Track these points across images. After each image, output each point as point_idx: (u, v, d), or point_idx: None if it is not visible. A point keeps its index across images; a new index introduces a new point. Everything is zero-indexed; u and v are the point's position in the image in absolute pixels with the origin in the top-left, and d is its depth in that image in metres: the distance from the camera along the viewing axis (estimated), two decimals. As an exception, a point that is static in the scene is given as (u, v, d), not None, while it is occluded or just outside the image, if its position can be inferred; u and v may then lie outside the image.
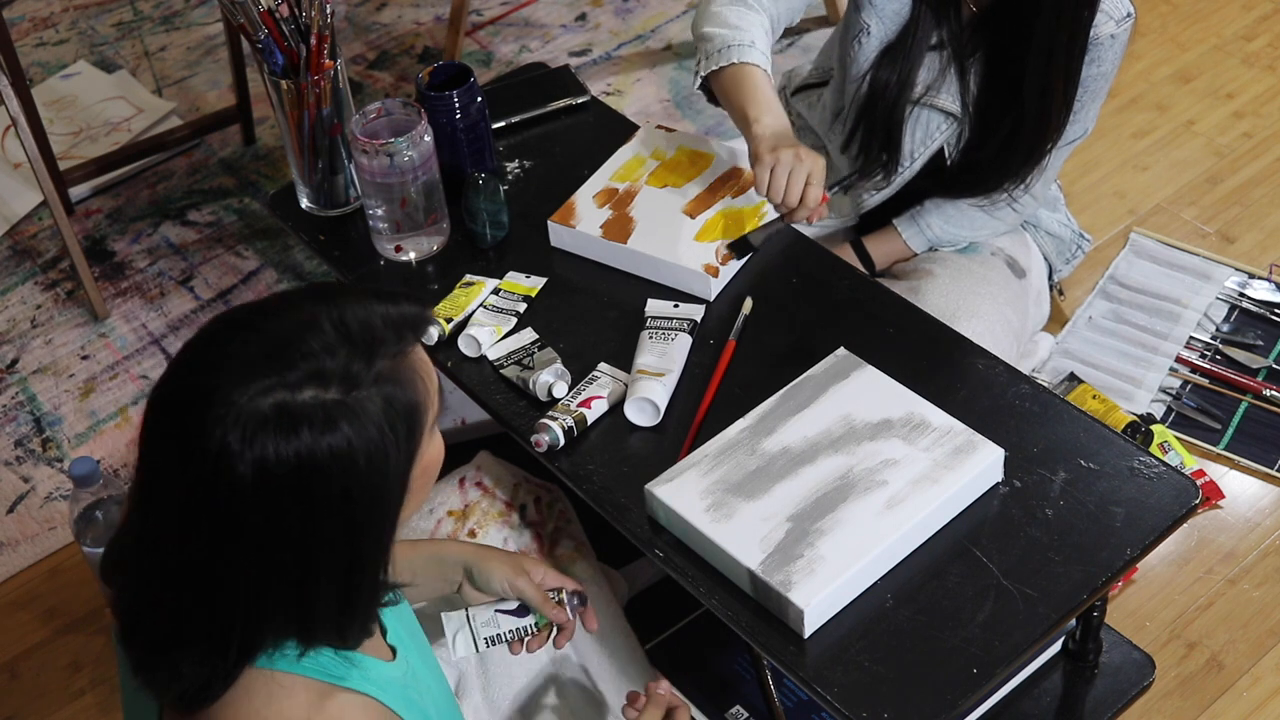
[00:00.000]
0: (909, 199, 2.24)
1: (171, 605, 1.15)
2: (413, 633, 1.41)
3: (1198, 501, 1.63)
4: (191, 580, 1.13)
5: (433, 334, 1.85)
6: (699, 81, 2.04)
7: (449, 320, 1.86)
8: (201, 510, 1.10)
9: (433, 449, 1.22)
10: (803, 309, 1.88)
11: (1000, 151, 2.09)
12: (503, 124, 2.19)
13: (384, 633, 1.34)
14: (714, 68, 1.99)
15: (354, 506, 1.12)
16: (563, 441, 1.71)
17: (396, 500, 1.16)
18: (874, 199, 2.23)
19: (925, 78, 2.08)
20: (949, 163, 2.15)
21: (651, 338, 1.80)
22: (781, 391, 1.71)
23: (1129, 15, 2.00)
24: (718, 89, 2.02)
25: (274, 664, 1.18)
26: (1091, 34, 1.97)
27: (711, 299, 1.89)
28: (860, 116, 2.14)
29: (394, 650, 1.33)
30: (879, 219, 2.28)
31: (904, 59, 2.06)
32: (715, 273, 1.87)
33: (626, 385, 1.76)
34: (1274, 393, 2.36)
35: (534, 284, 1.93)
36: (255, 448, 1.07)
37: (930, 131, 2.12)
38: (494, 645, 1.61)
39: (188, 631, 1.15)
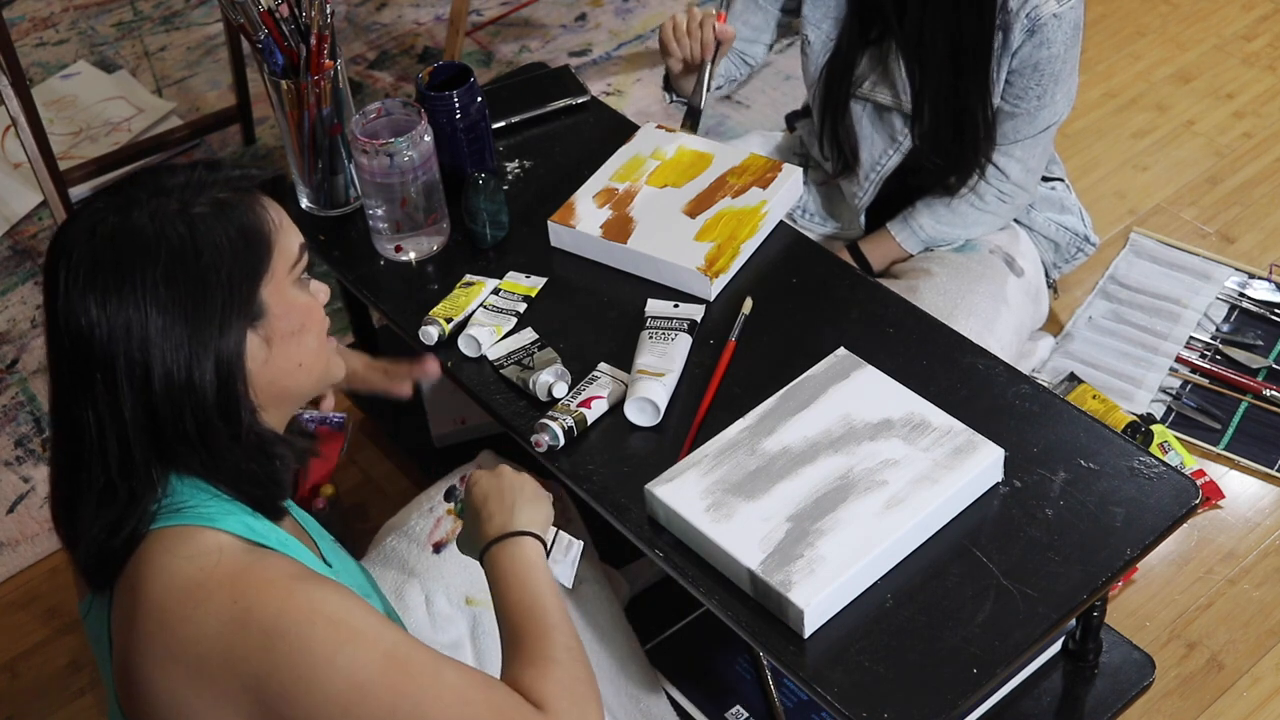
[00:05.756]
0: (903, 201, 2.25)
1: (69, 453, 1.24)
2: (369, 589, 1.45)
3: (1198, 501, 1.63)
4: (70, 419, 1.23)
5: (432, 334, 1.85)
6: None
7: (449, 320, 1.86)
8: (56, 323, 1.21)
9: (299, 295, 1.29)
10: (803, 309, 1.88)
11: (950, 141, 2.13)
12: (503, 124, 2.19)
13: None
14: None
15: (183, 300, 1.20)
16: (563, 441, 1.71)
17: (234, 306, 1.23)
18: (863, 198, 2.24)
19: (867, 73, 2.14)
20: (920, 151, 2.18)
21: (651, 338, 1.80)
22: (781, 391, 1.71)
23: None
24: None
25: (188, 520, 1.22)
26: (1033, 15, 2.00)
27: (711, 299, 1.89)
28: (822, 117, 2.22)
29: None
30: (874, 223, 2.29)
31: (841, 56, 2.15)
32: (715, 272, 1.88)
33: (626, 385, 1.76)
34: (1274, 393, 2.36)
35: (534, 284, 1.93)
36: (92, 242, 1.20)
37: (882, 124, 2.17)
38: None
39: (82, 478, 1.23)
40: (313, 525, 1.46)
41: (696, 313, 1.85)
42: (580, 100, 2.25)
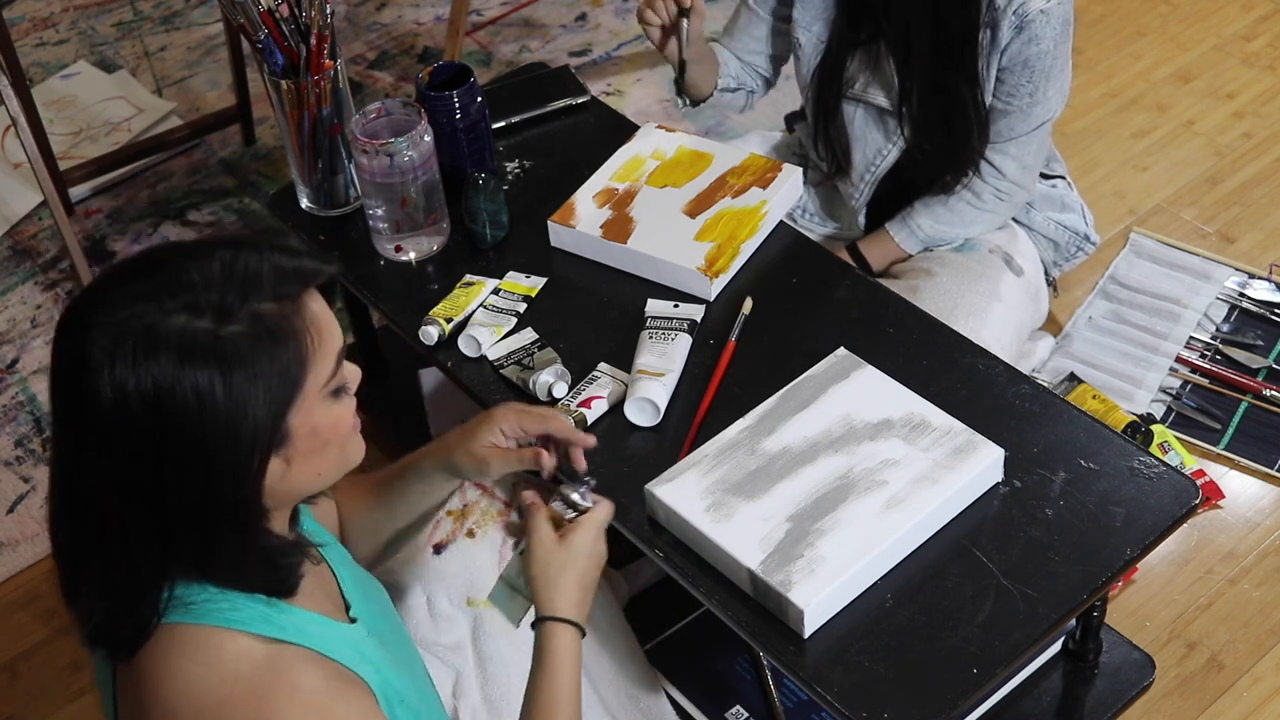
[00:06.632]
0: (902, 201, 2.25)
1: (72, 535, 1.19)
2: (380, 609, 1.43)
3: (1198, 501, 1.63)
4: (77, 506, 1.18)
5: (432, 334, 1.85)
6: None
7: (449, 320, 1.86)
8: (72, 426, 1.15)
9: (327, 414, 1.21)
10: (803, 309, 1.88)
11: (941, 137, 2.14)
12: (503, 124, 2.19)
13: (347, 607, 1.35)
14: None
15: (206, 437, 1.12)
16: (563, 441, 1.71)
17: (260, 442, 1.16)
18: (859, 199, 2.25)
19: (857, 73, 2.15)
20: (917, 153, 2.18)
21: (651, 338, 1.80)
22: (781, 391, 1.71)
23: None
24: None
25: (202, 619, 1.19)
26: (1021, 12, 2.00)
27: (711, 299, 1.89)
28: (815, 119, 2.23)
29: (354, 622, 1.34)
30: (874, 223, 2.29)
31: (832, 57, 2.15)
32: (715, 272, 1.87)
33: (626, 385, 1.76)
34: (1274, 393, 2.36)
35: (534, 284, 1.93)
36: (115, 362, 1.10)
37: (876, 125, 2.17)
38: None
39: (90, 565, 1.18)
40: (334, 549, 1.44)
41: (696, 313, 1.85)
42: (580, 100, 2.25)
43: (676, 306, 1.86)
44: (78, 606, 1.21)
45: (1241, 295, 2.52)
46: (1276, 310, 2.50)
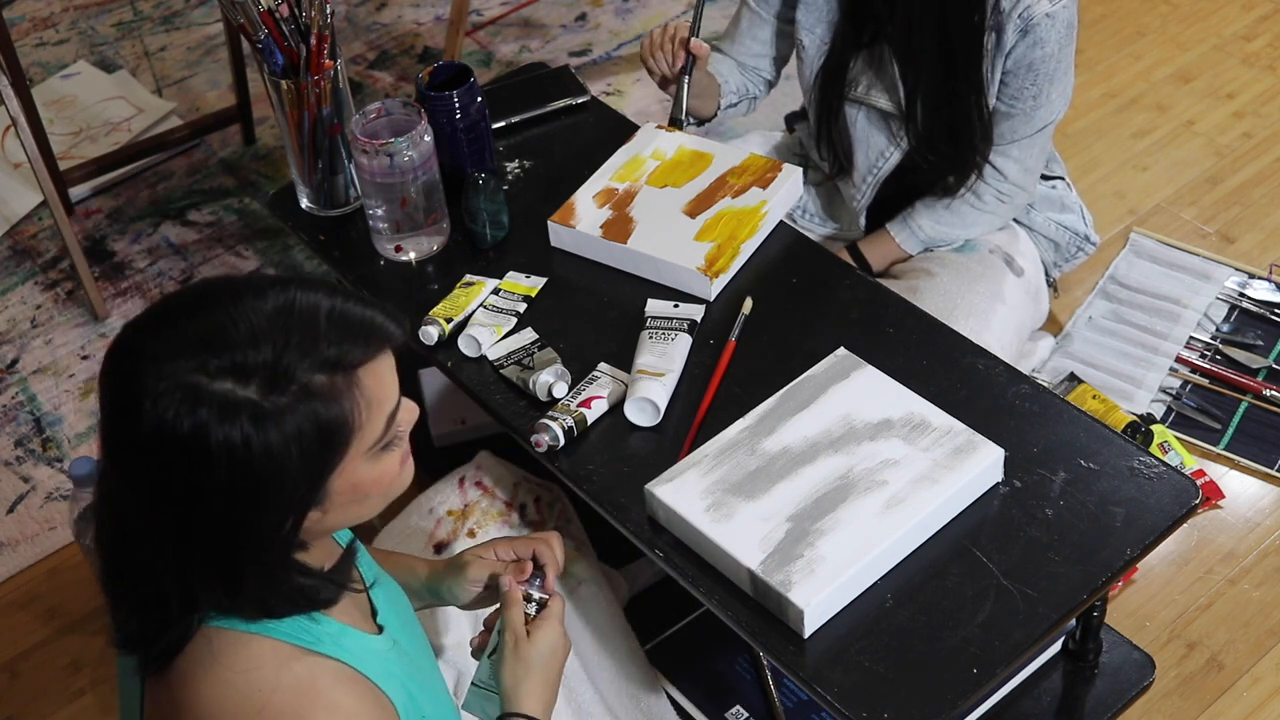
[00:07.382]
0: (902, 202, 2.25)
1: (111, 549, 1.20)
2: (404, 618, 1.43)
3: (1198, 501, 1.63)
4: (116, 524, 1.18)
5: (433, 334, 1.86)
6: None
7: (449, 320, 1.87)
8: (113, 455, 1.15)
9: (371, 470, 1.19)
10: (803, 309, 1.88)
11: (945, 141, 2.14)
12: (503, 124, 2.19)
13: (374, 613, 1.35)
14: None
15: (238, 497, 1.11)
16: (563, 441, 1.71)
17: (296, 505, 1.15)
18: (861, 200, 2.25)
19: (860, 76, 2.15)
20: (918, 156, 2.18)
21: (651, 338, 1.80)
22: (781, 391, 1.71)
23: None
24: None
25: (242, 626, 1.19)
26: (1026, 15, 2.00)
27: (711, 299, 1.89)
28: (818, 121, 2.23)
29: (381, 629, 1.34)
30: (874, 223, 2.29)
31: (835, 59, 2.15)
32: (715, 272, 1.88)
33: (626, 385, 1.76)
34: (1274, 393, 2.36)
35: (534, 284, 1.93)
36: (159, 403, 1.08)
37: (878, 127, 2.17)
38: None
39: (125, 580, 1.19)
40: (363, 557, 1.44)
41: (696, 313, 1.85)
42: (580, 100, 2.25)
43: (676, 306, 1.86)
44: (113, 612, 1.21)
45: (1241, 295, 2.52)
46: (1276, 310, 2.50)
